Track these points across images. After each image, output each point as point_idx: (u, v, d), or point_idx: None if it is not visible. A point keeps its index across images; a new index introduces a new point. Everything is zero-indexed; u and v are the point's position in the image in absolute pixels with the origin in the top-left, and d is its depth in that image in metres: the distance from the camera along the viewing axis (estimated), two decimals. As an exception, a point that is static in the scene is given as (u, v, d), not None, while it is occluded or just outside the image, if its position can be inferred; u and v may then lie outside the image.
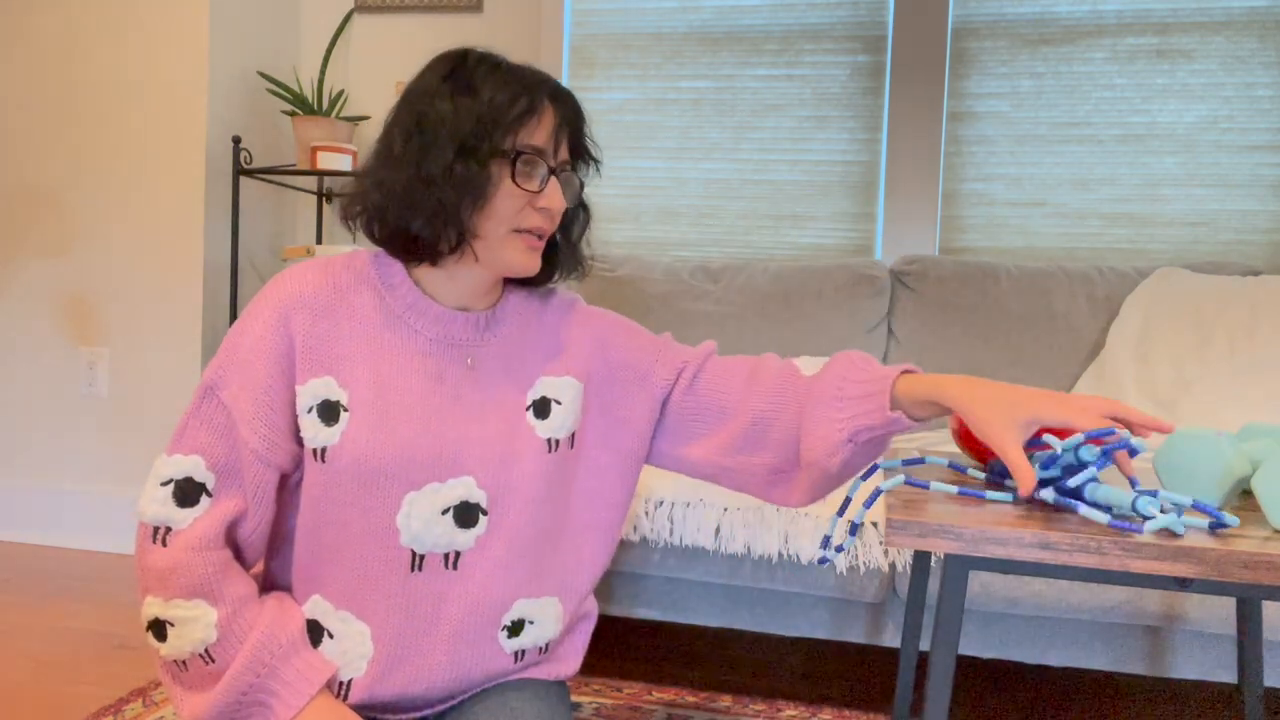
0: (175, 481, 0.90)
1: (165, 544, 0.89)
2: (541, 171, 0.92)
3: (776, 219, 2.45)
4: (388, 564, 0.93)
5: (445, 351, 0.97)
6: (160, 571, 0.88)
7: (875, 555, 1.38)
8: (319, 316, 0.93)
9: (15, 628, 1.82)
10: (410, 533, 0.92)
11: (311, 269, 0.96)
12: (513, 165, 0.91)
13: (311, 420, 0.91)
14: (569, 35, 2.55)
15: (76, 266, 2.40)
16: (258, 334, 0.92)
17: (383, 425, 0.92)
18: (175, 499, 0.90)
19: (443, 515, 0.93)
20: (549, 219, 0.94)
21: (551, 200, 0.93)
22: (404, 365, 0.95)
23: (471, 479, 0.95)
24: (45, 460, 2.44)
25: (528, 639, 1.00)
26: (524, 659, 1.01)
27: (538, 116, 0.92)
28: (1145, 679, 1.77)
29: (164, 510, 0.89)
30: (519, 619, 0.99)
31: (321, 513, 0.92)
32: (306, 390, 0.92)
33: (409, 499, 0.92)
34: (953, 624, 0.82)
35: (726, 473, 1.03)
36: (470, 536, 0.95)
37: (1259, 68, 2.20)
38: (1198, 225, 2.24)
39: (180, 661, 0.89)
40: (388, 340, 0.95)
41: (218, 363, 0.92)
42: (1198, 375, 1.78)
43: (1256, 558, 0.72)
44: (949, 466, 1.03)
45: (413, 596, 0.94)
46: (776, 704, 1.58)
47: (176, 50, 2.33)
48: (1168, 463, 0.88)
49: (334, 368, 0.93)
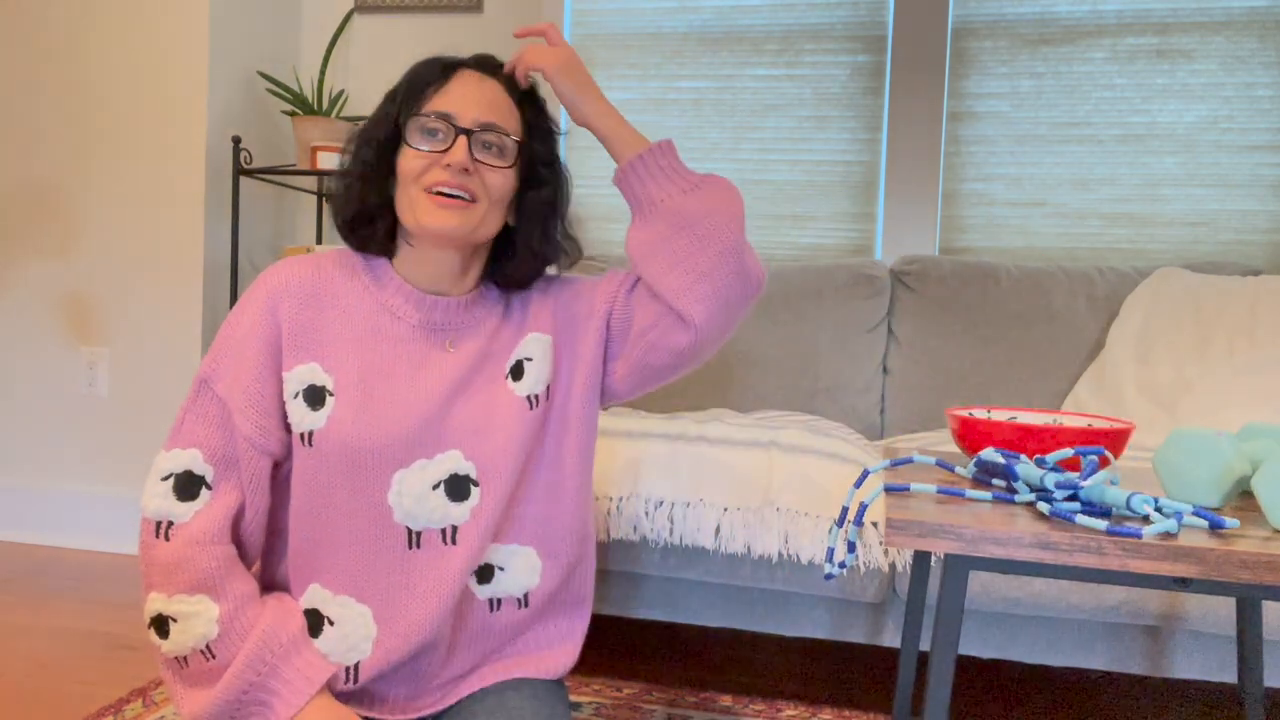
0: (175, 475, 0.91)
1: (168, 539, 0.90)
2: (447, 132, 0.95)
3: (776, 219, 2.45)
4: (383, 543, 0.94)
5: (428, 336, 0.99)
6: (164, 567, 0.89)
7: (875, 555, 1.38)
8: (304, 304, 0.96)
9: (15, 628, 1.82)
10: (403, 510, 0.93)
11: (300, 261, 1.00)
12: (404, 133, 0.96)
13: (298, 405, 0.94)
14: (569, 35, 2.55)
15: (76, 266, 2.40)
16: (247, 325, 0.95)
17: (368, 407, 0.93)
18: (175, 493, 0.91)
19: (434, 490, 0.94)
20: (454, 175, 0.94)
21: (452, 156, 0.93)
22: (388, 350, 0.97)
23: (458, 451, 0.96)
24: (45, 460, 2.44)
25: (500, 587, 1.00)
26: (500, 609, 1.00)
27: (443, 87, 0.97)
28: (1145, 679, 1.77)
29: (165, 504, 0.90)
30: (486, 564, 1.00)
31: (313, 498, 0.94)
32: (293, 376, 0.94)
33: (398, 476, 0.93)
34: (953, 624, 0.82)
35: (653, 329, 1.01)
36: (465, 509, 0.95)
37: (1259, 68, 2.20)
38: (1198, 225, 2.24)
39: (182, 658, 0.90)
40: (372, 326, 0.97)
41: (211, 356, 0.95)
42: (1198, 375, 1.78)
43: (1256, 558, 0.72)
44: (936, 464, 1.03)
45: (413, 574, 0.94)
46: (776, 704, 1.58)
47: (176, 50, 2.33)
48: (1168, 462, 0.88)
49: (319, 353, 0.95)
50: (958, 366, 2.05)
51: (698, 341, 0.98)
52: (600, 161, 2.54)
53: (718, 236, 0.95)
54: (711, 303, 0.96)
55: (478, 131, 0.95)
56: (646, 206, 0.98)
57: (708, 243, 0.95)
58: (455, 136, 0.94)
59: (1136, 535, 0.74)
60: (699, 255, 0.95)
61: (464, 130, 0.94)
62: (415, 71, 0.99)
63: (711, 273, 0.95)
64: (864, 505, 0.97)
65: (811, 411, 2.07)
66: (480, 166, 0.95)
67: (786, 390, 2.08)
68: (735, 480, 1.42)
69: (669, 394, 2.11)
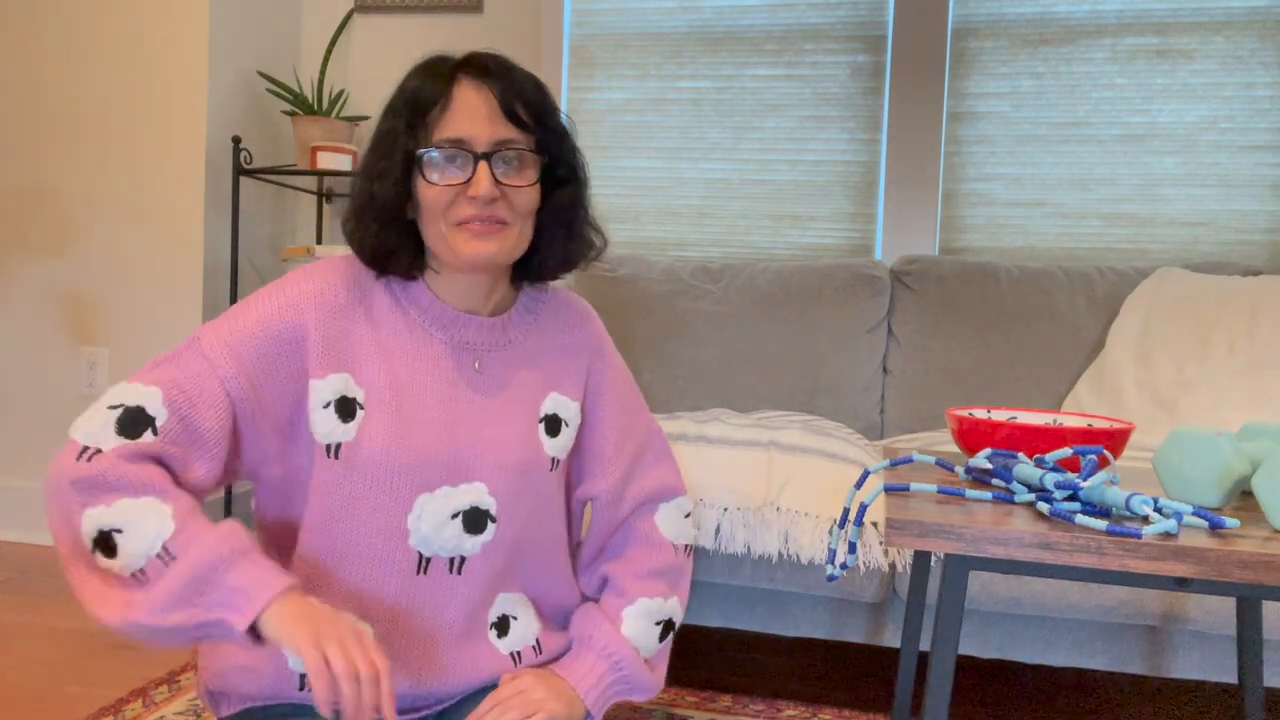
0: (125, 407, 0.84)
1: (91, 461, 0.81)
2: (465, 159, 0.90)
3: (776, 219, 2.45)
4: (394, 565, 0.93)
5: (458, 355, 0.97)
6: (96, 479, 0.80)
7: (875, 555, 1.38)
8: (336, 314, 0.93)
9: (15, 628, 1.82)
10: (420, 534, 0.92)
11: (332, 269, 0.96)
12: (419, 166, 0.91)
13: (328, 415, 0.91)
14: (569, 35, 2.55)
15: (77, 266, 2.40)
16: (266, 313, 0.91)
17: (399, 425, 0.92)
18: (117, 424, 0.83)
19: (452, 519, 0.93)
20: (482, 207, 0.90)
21: (477, 187, 0.89)
22: (419, 368, 0.95)
23: (484, 485, 0.95)
24: (45, 460, 2.44)
25: (516, 637, 1.01)
26: (521, 661, 1.02)
27: (449, 106, 0.91)
28: (1145, 679, 1.77)
29: (101, 433, 0.82)
30: (502, 615, 1.01)
31: (332, 510, 0.91)
32: (325, 384, 0.91)
33: (421, 500, 0.92)
34: (953, 624, 0.82)
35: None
36: (477, 543, 0.95)
37: (1259, 68, 2.20)
38: (1198, 225, 2.24)
39: (140, 570, 0.79)
40: (403, 342, 0.95)
41: (214, 322, 0.91)
42: (1198, 375, 1.78)
43: (1256, 558, 0.72)
44: (937, 464, 1.03)
45: (416, 599, 0.94)
46: (776, 704, 1.58)
47: (176, 50, 2.33)
48: (1168, 463, 0.88)
49: (351, 365, 0.92)
50: (958, 366, 2.05)
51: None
52: (600, 161, 2.55)
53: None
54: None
55: (495, 152, 0.90)
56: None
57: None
58: (475, 163, 0.90)
59: (1136, 535, 0.74)
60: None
61: (482, 155, 0.90)
62: (414, 90, 0.92)
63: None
64: (864, 505, 0.97)
65: (811, 411, 2.07)
66: (505, 189, 0.91)
67: (786, 390, 2.08)
68: (735, 480, 1.42)
69: (669, 394, 2.11)
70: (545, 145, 0.95)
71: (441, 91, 0.91)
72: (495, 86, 0.92)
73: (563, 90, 2.55)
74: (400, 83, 0.95)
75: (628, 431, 1.09)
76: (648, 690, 1.05)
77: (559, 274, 1.02)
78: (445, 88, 0.91)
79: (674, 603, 1.08)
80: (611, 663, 1.02)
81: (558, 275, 1.02)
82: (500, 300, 1.02)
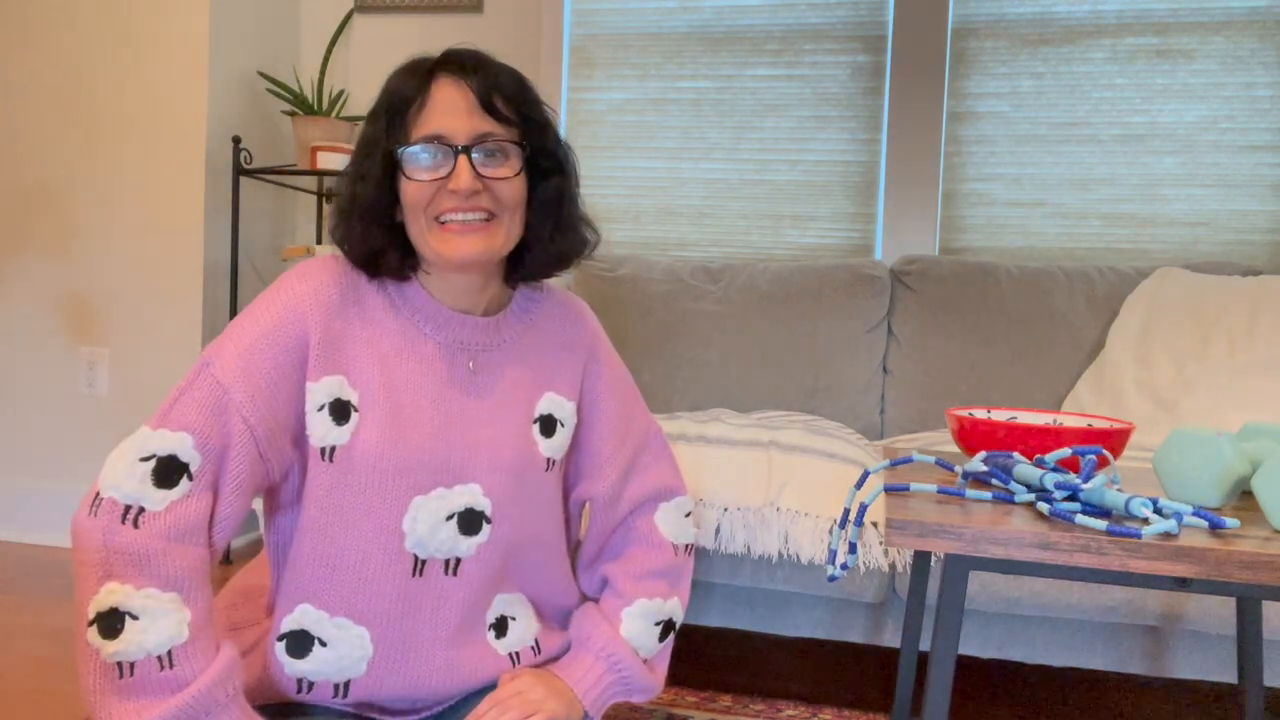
0: (157, 458, 0.83)
1: (137, 526, 0.80)
2: (444, 154, 0.90)
3: (776, 219, 2.45)
4: (390, 568, 0.92)
5: (452, 355, 0.97)
6: (136, 556, 0.79)
7: (875, 555, 1.38)
8: (334, 315, 0.92)
9: (15, 628, 1.82)
10: (415, 536, 0.92)
11: (326, 268, 0.95)
12: (400, 164, 0.91)
13: (322, 418, 0.90)
14: (569, 35, 2.55)
15: (77, 266, 2.40)
16: (269, 324, 0.89)
17: (394, 427, 0.91)
18: (154, 477, 0.82)
19: (447, 521, 0.93)
20: (464, 200, 0.90)
21: (458, 180, 0.89)
22: (413, 368, 0.94)
23: (478, 486, 0.95)
24: (45, 460, 2.44)
25: (515, 637, 1.01)
26: (520, 661, 1.02)
27: (427, 103, 0.91)
28: (1145, 679, 1.77)
29: (140, 489, 0.81)
30: (501, 615, 1.01)
31: (326, 514, 0.91)
32: (320, 388, 0.90)
33: (415, 502, 0.92)
34: (953, 624, 0.82)
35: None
36: (472, 544, 0.95)
37: (1259, 68, 2.20)
38: (1198, 225, 2.24)
39: (128, 664, 0.78)
40: (398, 343, 0.95)
41: (219, 343, 0.89)
42: (1198, 375, 1.78)
43: (1256, 558, 0.72)
44: (936, 464, 1.03)
45: (413, 601, 0.94)
46: (776, 704, 1.58)
47: (176, 50, 2.33)
48: (1168, 463, 0.88)
49: (346, 367, 0.92)
50: (958, 366, 2.05)
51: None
52: (600, 161, 2.55)
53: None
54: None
55: (475, 145, 0.90)
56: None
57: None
58: (454, 157, 0.89)
59: (1136, 535, 0.74)
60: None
61: (461, 149, 0.89)
62: (392, 90, 0.92)
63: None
64: (864, 505, 0.97)
65: (811, 411, 2.07)
66: (488, 181, 0.91)
67: (786, 390, 2.08)
68: (735, 480, 1.42)
69: (669, 394, 2.11)
70: (527, 137, 0.94)
71: (420, 89, 0.91)
72: (473, 81, 0.91)
73: (563, 90, 2.55)
74: (383, 86, 0.95)
75: (625, 431, 1.09)
76: (647, 691, 1.05)
77: (552, 271, 1.01)
78: (423, 86, 0.91)
79: (674, 603, 1.08)
80: (610, 663, 1.02)
81: (551, 273, 1.02)
82: (494, 299, 1.02)
